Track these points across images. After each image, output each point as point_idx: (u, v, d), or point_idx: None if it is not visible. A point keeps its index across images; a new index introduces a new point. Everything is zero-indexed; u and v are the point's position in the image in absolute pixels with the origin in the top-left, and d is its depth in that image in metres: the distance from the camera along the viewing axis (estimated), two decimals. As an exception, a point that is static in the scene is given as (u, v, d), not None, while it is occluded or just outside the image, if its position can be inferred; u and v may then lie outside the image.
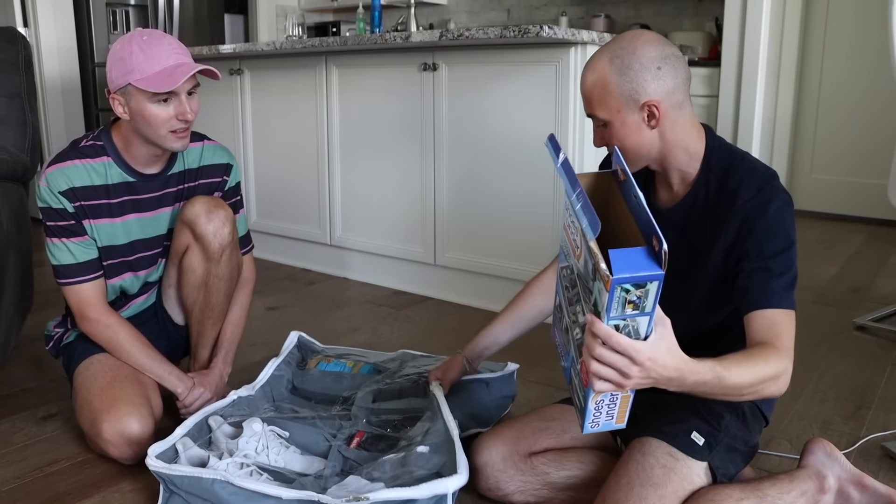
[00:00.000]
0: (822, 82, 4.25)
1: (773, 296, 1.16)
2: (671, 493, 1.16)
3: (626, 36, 1.22)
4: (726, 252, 1.23)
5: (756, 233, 1.19)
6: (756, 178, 1.22)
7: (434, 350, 2.21)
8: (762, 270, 1.18)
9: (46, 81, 4.31)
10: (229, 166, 1.79)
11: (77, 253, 1.59)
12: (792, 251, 1.19)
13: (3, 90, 2.17)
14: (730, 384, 1.04)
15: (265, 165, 3.36)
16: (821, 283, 2.97)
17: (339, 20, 5.91)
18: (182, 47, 1.55)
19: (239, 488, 1.30)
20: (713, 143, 1.27)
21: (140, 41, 1.50)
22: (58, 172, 1.56)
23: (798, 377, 2.02)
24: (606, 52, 1.21)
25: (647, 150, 1.24)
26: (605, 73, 1.19)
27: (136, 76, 1.48)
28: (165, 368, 1.67)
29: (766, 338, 1.12)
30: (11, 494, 1.46)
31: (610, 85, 1.19)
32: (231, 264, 1.72)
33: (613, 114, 1.21)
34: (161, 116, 1.51)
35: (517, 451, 1.37)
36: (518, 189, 2.49)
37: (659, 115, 1.20)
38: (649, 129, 1.22)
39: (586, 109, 1.25)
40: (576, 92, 2.31)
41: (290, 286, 3.01)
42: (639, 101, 1.19)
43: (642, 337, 0.93)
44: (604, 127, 1.24)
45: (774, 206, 1.19)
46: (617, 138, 1.22)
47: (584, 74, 1.23)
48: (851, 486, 1.30)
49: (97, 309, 1.62)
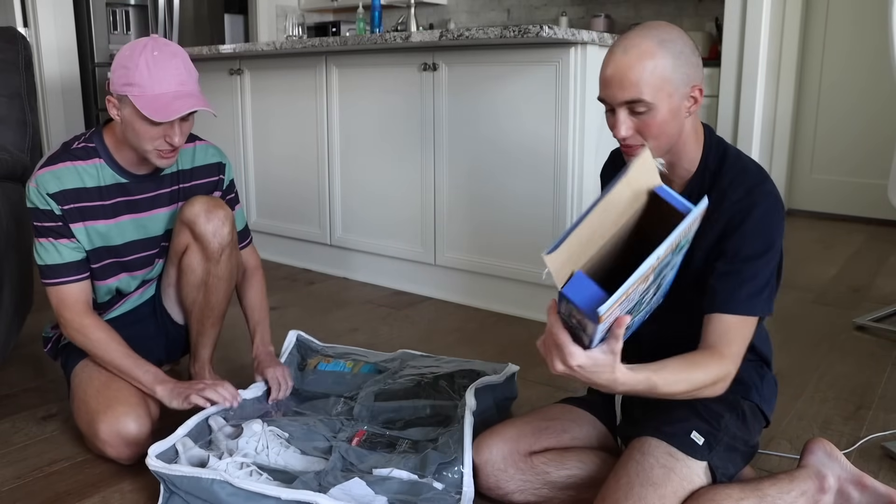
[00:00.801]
0: (822, 82, 4.25)
1: (737, 302, 1.19)
2: (671, 493, 1.16)
3: (656, 24, 1.19)
4: (708, 251, 1.24)
5: (737, 235, 1.20)
6: (747, 179, 1.22)
7: (434, 350, 2.21)
8: (734, 274, 1.19)
9: (46, 81, 4.31)
10: (223, 165, 1.80)
11: (63, 254, 1.58)
12: (769, 255, 1.20)
13: (3, 90, 2.17)
14: (662, 392, 1.10)
15: (265, 165, 3.36)
16: (821, 283, 2.97)
17: (339, 20, 5.91)
18: (189, 72, 1.52)
19: (238, 488, 1.30)
20: (711, 140, 1.28)
21: (150, 56, 1.47)
22: (48, 175, 1.55)
23: (798, 377, 2.03)
24: (649, 37, 1.16)
25: (676, 140, 1.23)
26: (658, 54, 1.14)
27: (134, 91, 1.46)
28: (142, 369, 1.59)
29: (717, 343, 1.18)
30: (11, 494, 1.46)
31: (664, 67, 1.15)
32: (231, 264, 1.72)
33: (662, 97, 1.16)
34: (149, 134, 1.50)
35: (517, 451, 1.37)
36: (518, 189, 2.49)
37: (699, 100, 1.20)
38: (686, 115, 1.21)
39: (625, 95, 1.16)
40: (576, 92, 2.31)
41: (290, 286, 3.01)
42: (688, 84, 1.18)
43: (585, 343, 1.01)
44: (642, 114, 1.17)
45: (760, 210, 1.20)
46: (658, 125, 1.18)
47: (627, 57, 1.15)
48: (851, 486, 1.30)
49: (74, 311, 1.60)
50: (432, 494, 1.32)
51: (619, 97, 1.17)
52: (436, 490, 1.34)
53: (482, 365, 1.86)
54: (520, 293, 2.57)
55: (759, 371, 1.38)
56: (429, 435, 1.55)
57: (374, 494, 1.32)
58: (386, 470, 1.39)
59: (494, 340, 2.34)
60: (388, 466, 1.41)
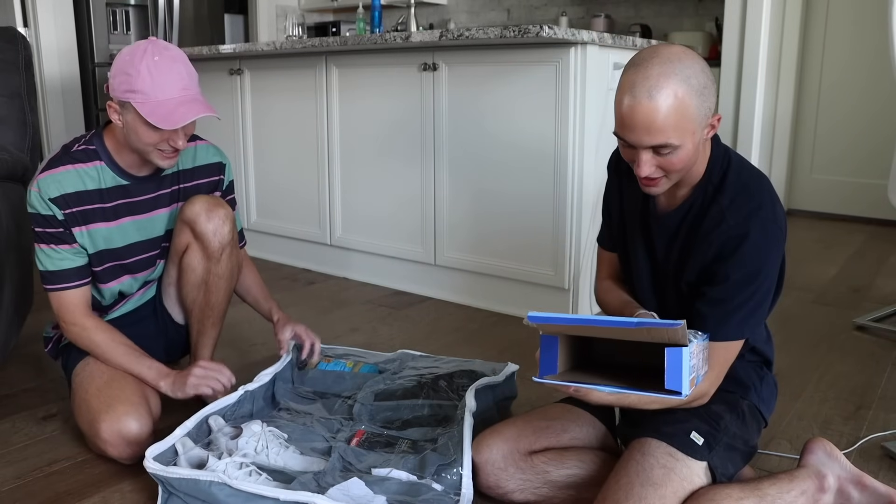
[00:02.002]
0: (822, 82, 4.25)
1: (725, 331, 1.23)
2: (671, 493, 1.17)
3: (675, 55, 1.14)
4: (703, 267, 1.26)
5: (729, 262, 1.21)
6: (747, 203, 1.21)
7: (434, 350, 2.21)
8: (724, 302, 1.22)
9: (46, 81, 4.32)
10: (223, 165, 1.80)
11: (64, 260, 1.58)
12: (759, 281, 1.21)
13: (3, 90, 2.17)
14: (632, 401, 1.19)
15: (265, 165, 3.36)
16: (821, 283, 2.97)
17: (339, 20, 5.91)
18: (190, 75, 1.52)
19: (236, 490, 1.30)
20: (717, 151, 1.27)
21: (151, 62, 1.46)
22: (49, 179, 1.55)
23: (798, 377, 2.03)
24: (673, 76, 1.12)
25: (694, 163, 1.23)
26: (685, 96, 1.12)
27: (138, 98, 1.46)
28: (145, 364, 1.62)
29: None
30: (11, 494, 1.46)
31: (691, 108, 1.13)
32: (231, 263, 1.72)
33: (688, 136, 1.14)
34: (152, 139, 1.50)
35: (517, 450, 1.37)
36: (518, 189, 2.49)
37: (717, 126, 1.20)
38: (705, 141, 1.21)
39: (653, 140, 1.14)
40: (576, 92, 2.31)
41: (290, 286, 3.01)
42: (710, 116, 1.18)
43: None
44: (667, 154, 1.16)
45: (755, 239, 1.19)
46: (683, 161, 1.17)
47: (654, 105, 1.11)
48: (851, 486, 1.30)
49: (75, 314, 1.61)
50: (431, 496, 1.32)
51: (646, 142, 1.15)
52: (435, 491, 1.34)
53: (482, 365, 1.86)
54: (520, 293, 2.57)
55: (758, 372, 1.38)
56: (427, 435, 1.55)
57: (372, 494, 1.32)
58: (385, 470, 1.39)
59: (494, 340, 2.34)
60: (387, 466, 1.41)
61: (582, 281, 2.45)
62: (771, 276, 1.23)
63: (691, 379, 1.09)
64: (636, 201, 1.37)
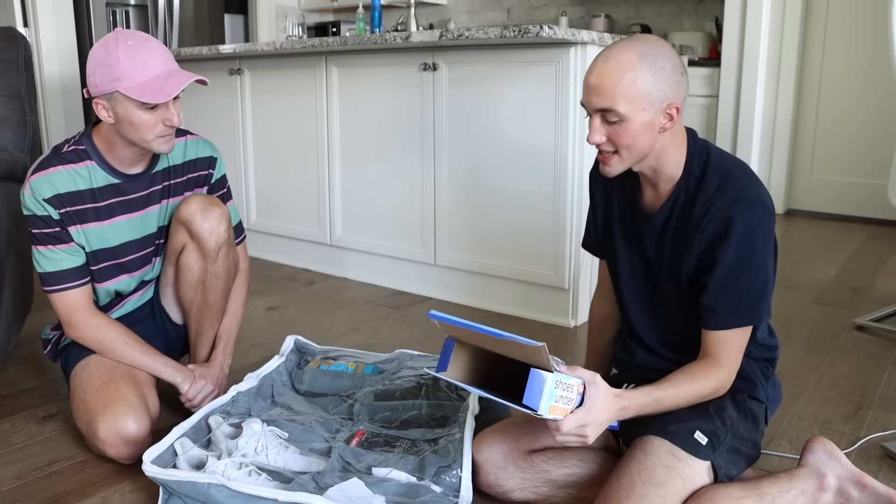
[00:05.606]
0: (821, 82, 4.25)
1: (733, 319, 1.25)
2: (672, 493, 1.17)
3: (645, 37, 1.21)
4: (698, 258, 1.26)
5: (724, 247, 1.22)
6: (732, 186, 1.23)
7: (434, 350, 2.21)
8: (728, 291, 1.23)
9: (46, 81, 4.31)
10: (213, 159, 1.79)
11: (63, 260, 1.58)
12: (757, 263, 1.22)
13: (3, 90, 2.17)
14: (668, 405, 1.22)
15: (265, 165, 3.36)
16: (821, 283, 2.97)
17: (339, 20, 5.91)
18: (167, 51, 1.54)
19: (235, 491, 1.30)
20: (695, 146, 1.29)
21: (126, 46, 1.47)
22: (42, 180, 1.55)
23: (798, 377, 2.03)
24: (632, 49, 1.17)
25: (649, 152, 1.25)
26: (637, 68, 1.16)
27: (125, 84, 1.46)
28: (161, 361, 1.67)
29: (715, 354, 1.26)
30: (11, 494, 1.46)
31: (641, 81, 1.16)
32: (227, 262, 1.72)
33: (636, 111, 1.18)
34: (149, 122, 1.51)
35: (518, 449, 1.37)
36: (518, 189, 2.49)
37: (675, 119, 1.21)
38: (660, 131, 1.22)
39: (600, 102, 1.19)
40: (576, 92, 2.31)
41: (290, 286, 3.01)
42: (664, 102, 1.19)
43: (576, 401, 1.16)
44: (615, 123, 1.20)
45: (745, 221, 1.20)
46: (629, 136, 1.20)
47: (607, 67, 1.17)
48: (851, 486, 1.30)
49: (85, 313, 1.62)
50: (430, 497, 1.32)
51: (595, 104, 1.20)
52: (434, 493, 1.34)
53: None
54: (520, 293, 2.57)
55: (764, 372, 1.38)
56: (427, 435, 1.55)
57: (372, 495, 1.32)
58: (385, 470, 1.39)
59: (494, 340, 2.33)
60: (386, 466, 1.41)
61: (582, 281, 2.46)
62: (768, 254, 1.24)
63: (561, 407, 1.14)
64: (623, 206, 1.39)
